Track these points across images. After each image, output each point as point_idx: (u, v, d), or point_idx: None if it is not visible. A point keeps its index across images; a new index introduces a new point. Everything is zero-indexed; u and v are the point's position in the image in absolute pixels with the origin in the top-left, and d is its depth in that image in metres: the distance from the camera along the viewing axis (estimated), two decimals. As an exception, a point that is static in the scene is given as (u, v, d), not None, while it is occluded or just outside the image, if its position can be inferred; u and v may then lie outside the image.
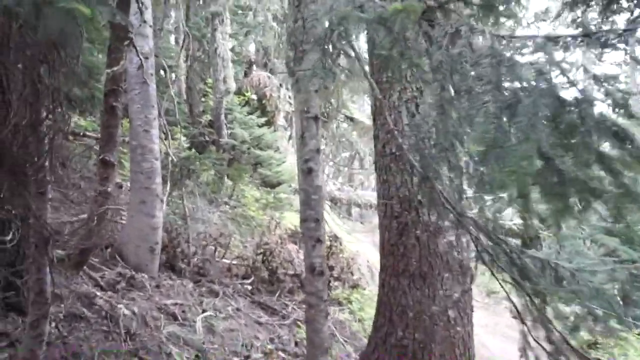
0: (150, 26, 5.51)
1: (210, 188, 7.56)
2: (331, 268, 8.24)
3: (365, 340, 6.12)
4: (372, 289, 8.23)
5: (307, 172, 2.66)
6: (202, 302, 5.11)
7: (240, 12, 20.36)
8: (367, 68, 3.63)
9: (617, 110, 2.19)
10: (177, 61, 16.91)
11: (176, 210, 5.97)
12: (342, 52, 2.13)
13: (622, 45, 1.95)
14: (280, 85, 18.35)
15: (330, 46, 2.04)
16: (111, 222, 5.66)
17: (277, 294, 6.52)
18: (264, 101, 16.73)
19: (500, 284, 2.25)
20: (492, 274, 2.42)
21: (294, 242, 8.27)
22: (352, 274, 8.59)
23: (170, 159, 5.65)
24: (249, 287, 6.19)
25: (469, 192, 2.99)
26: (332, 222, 12.56)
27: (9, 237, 2.22)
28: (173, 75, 17.38)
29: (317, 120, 2.73)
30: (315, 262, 2.58)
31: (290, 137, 20.49)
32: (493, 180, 2.28)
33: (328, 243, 8.60)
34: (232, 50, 18.48)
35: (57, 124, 2.10)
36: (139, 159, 5.14)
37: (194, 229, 5.78)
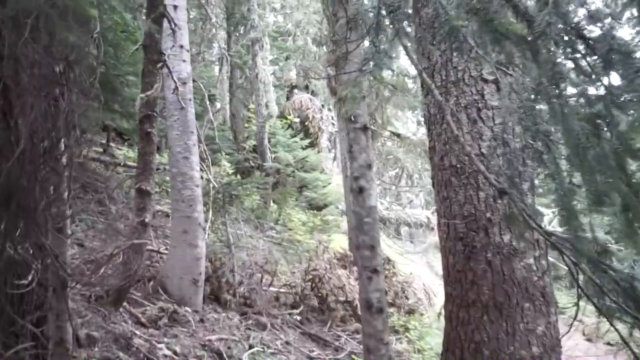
0: (188, 50, 5.38)
1: (255, 213, 7.32)
2: (385, 293, 7.73)
3: (428, 375, 5.56)
4: (429, 315, 7.63)
5: (357, 191, 2.29)
6: (249, 336, 4.77)
7: (279, 37, 20.59)
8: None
9: None
10: (220, 89, 17.19)
11: (220, 239, 5.72)
12: (397, 32, 1.75)
13: None
14: (323, 106, 18.24)
15: (386, 25, 1.67)
16: (153, 253, 5.48)
17: (328, 324, 6.09)
18: (306, 123, 16.63)
19: (613, 327, 1.75)
20: (598, 309, 1.91)
21: (343, 266, 7.84)
22: (407, 298, 8.03)
23: (211, 185, 5.43)
24: (298, 318, 5.80)
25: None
26: (383, 243, 12.03)
27: (26, 281, 1.96)
28: (217, 103, 17.67)
29: (367, 131, 2.36)
30: (372, 298, 2.18)
31: (335, 158, 20.26)
32: (594, 190, 1.82)
33: (380, 266, 8.14)
34: (273, 74, 18.63)
35: (72, 149, 1.82)
36: (180, 187, 4.94)
37: (239, 257, 5.49)
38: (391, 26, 1.78)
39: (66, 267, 1.96)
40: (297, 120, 16.39)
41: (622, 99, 1.81)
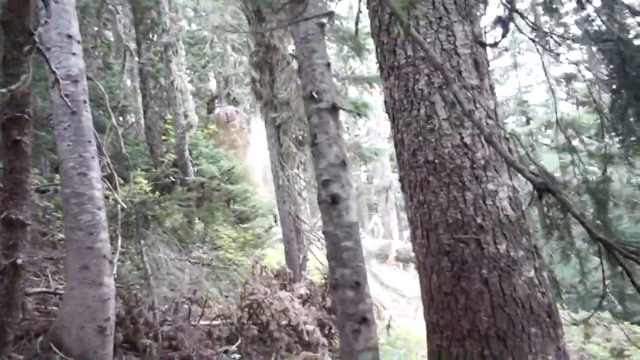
0: (79, 42, 4.33)
1: (178, 235, 6.31)
2: (329, 310, 7.01)
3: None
4: (383, 333, 7.02)
5: (329, 202, 1.56)
6: (177, 391, 3.81)
7: (196, 45, 19.36)
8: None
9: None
10: (133, 101, 15.67)
11: (135, 270, 4.68)
12: None
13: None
14: (249, 117, 17.38)
15: None
16: (49, 296, 4.34)
17: (273, 357, 5.24)
18: (233, 135, 15.71)
19: None
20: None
21: (282, 285, 7.03)
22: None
23: (119, 206, 4.39)
24: (237, 356, 4.90)
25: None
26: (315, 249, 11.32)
27: None
28: (130, 117, 16.10)
29: (336, 112, 1.63)
30: (361, 361, 1.44)
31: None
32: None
33: (323, 280, 7.41)
34: (191, 82, 17.37)
35: None
36: (75, 211, 3.87)
37: (160, 290, 4.50)
38: None
39: None
40: (220, 130, 15.40)
41: None
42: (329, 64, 1.75)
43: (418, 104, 2.64)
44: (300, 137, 10.74)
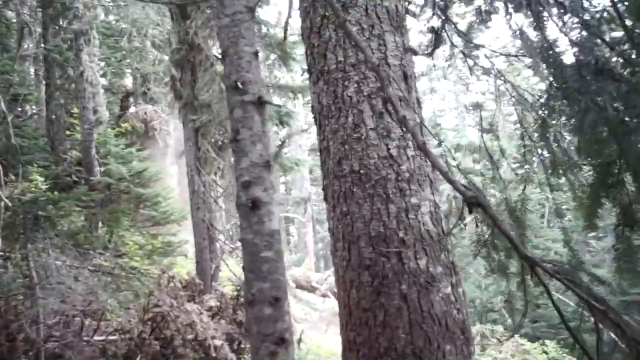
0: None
1: (76, 239, 5.68)
2: (240, 324, 6.72)
3: None
4: (294, 348, 6.85)
5: (249, 207, 1.37)
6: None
7: (112, 37, 18.14)
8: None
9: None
10: (36, 91, 14.24)
11: (18, 277, 4.10)
12: None
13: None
14: (169, 118, 16.58)
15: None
16: None
17: (176, 376, 4.85)
18: (150, 134, 14.84)
19: None
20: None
21: (191, 297, 6.62)
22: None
23: (2, 204, 3.82)
24: (135, 375, 4.46)
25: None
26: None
27: None
28: (30, 107, 14.61)
29: (262, 107, 1.46)
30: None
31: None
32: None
33: (234, 292, 7.11)
34: (103, 76, 16.20)
35: None
36: (-56, 206, 3.30)
37: (47, 302, 3.97)
38: None
39: None
40: (135, 127, 14.49)
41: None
42: (256, 53, 1.59)
43: (346, 111, 2.56)
44: (219, 142, 10.37)
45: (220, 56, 8.05)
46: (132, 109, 17.14)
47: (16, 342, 3.70)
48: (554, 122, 2.27)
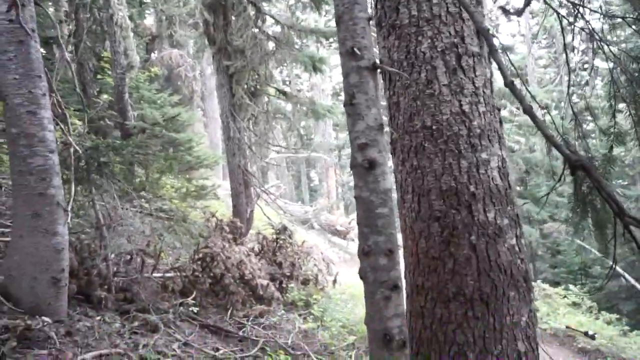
0: (25, -42, 3.78)
1: (136, 183, 5.95)
2: (280, 265, 7.07)
3: (346, 355, 5.11)
4: (330, 288, 7.21)
5: (365, 167, 1.49)
6: (137, 344, 3.71)
7: (135, -25, 17.74)
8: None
9: None
10: (60, 32, 14.21)
11: (86, 220, 4.39)
12: None
13: None
14: (195, 63, 16.47)
15: None
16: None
17: (229, 311, 5.22)
18: (179, 82, 14.82)
19: None
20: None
21: (234, 239, 6.93)
22: (300, 268, 7.47)
23: (72, 150, 4.02)
24: (195, 309, 4.82)
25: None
26: (265, 207, 11.25)
27: None
28: (57, 50, 14.63)
29: (376, 72, 1.54)
30: (391, 327, 1.44)
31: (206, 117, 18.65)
32: None
33: (274, 235, 7.42)
34: (129, 18, 16.02)
35: None
36: (25, 154, 3.51)
37: (116, 242, 4.27)
38: None
39: None
40: (165, 73, 14.47)
41: None
42: (370, 19, 1.63)
43: (419, 67, 2.60)
44: (252, 89, 10.37)
45: (249, 0, 7.86)
46: (155, 53, 17.05)
47: (91, 276, 4.03)
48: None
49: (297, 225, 13.16)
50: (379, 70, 1.61)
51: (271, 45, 10.33)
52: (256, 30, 9.62)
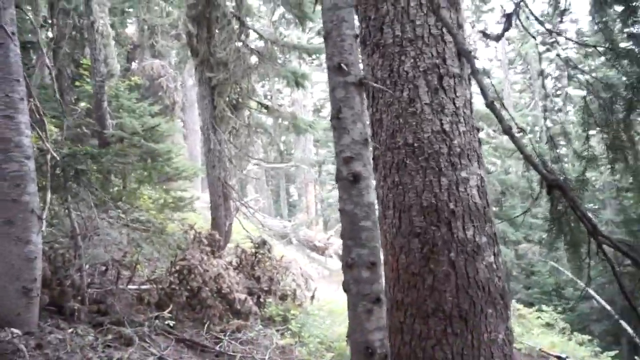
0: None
1: (113, 193, 5.85)
2: (258, 279, 7.01)
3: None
4: (308, 303, 7.17)
5: (350, 180, 1.52)
6: (110, 358, 3.61)
7: (119, -16, 17.67)
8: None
9: None
10: (37, 37, 14.01)
11: (61, 228, 4.29)
12: None
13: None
14: (176, 74, 16.39)
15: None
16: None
17: (206, 325, 5.14)
18: (160, 93, 14.72)
19: None
20: None
21: (212, 252, 6.85)
22: (278, 283, 7.41)
23: (49, 156, 3.95)
24: (171, 323, 4.73)
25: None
26: (243, 221, 11.17)
27: None
28: (33, 55, 14.40)
29: (362, 87, 1.57)
30: (373, 340, 1.45)
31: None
32: None
33: (253, 249, 7.36)
34: (111, 26, 15.90)
35: None
36: (0, 159, 3.43)
37: (92, 252, 4.18)
38: None
39: None
40: (146, 83, 14.36)
41: None
42: (357, 36, 1.67)
43: (402, 86, 2.66)
44: (234, 101, 10.36)
45: (233, 14, 7.93)
46: (136, 63, 16.94)
47: (64, 286, 3.93)
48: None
49: (276, 239, 13.08)
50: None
51: (254, 59, 10.39)
52: (240, 43, 9.67)
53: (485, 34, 2.58)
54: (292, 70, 10.08)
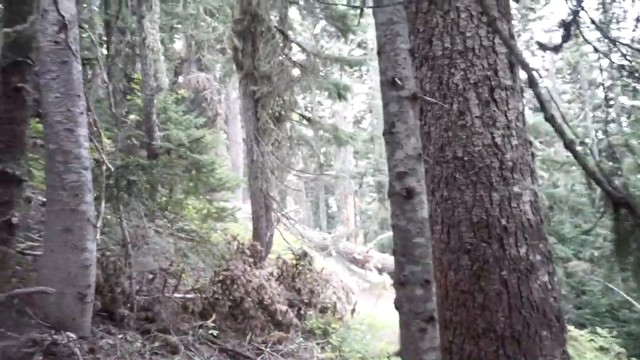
0: (72, -15, 3.98)
1: (162, 203, 6.05)
2: (299, 291, 7.01)
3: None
4: (349, 317, 7.10)
5: (403, 195, 1.50)
6: (157, 365, 3.69)
7: (169, 2, 18.44)
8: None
9: None
10: (95, 54, 14.75)
11: (113, 237, 4.46)
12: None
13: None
14: (220, 87, 16.87)
15: None
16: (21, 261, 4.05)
17: (248, 336, 5.18)
18: (204, 105, 15.18)
19: None
20: None
21: (254, 262, 6.92)
22: (318, 295, 7.38)
23: (104, 167, 4.13)
24: (215, 332, 4.79)
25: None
26: (285, 233, 11.23)
27: None
28: (89, 71, 15.17)
29: (416, 101, 1.56)
30: (426, 361, 1.41)
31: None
32: None
33: (294, 261, 7.38)
34: (161, 42, 16.56)
35: None
36: (60, 170, 3.61)
37: (142, 260, 4.31)
38: None
39: None
40: (192, 96, 14.83)
41: None
42: (411, 50, 1.67)
43: (451, 98, 2.61)
44: (277, 114, 10.51)
45: (277, 28, 8.05)
46: (183, 76, 17.54)
47: (115, 293, 4.07)
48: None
49: (316, 251, 13.08)
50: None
51: (296, 72, 10.54)
52: (283, 57, 9.84)
53: (542, 45, 2.50)
54: (335, 82, 10.14)
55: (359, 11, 10.08)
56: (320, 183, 29.30)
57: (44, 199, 4.47)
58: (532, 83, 1.45)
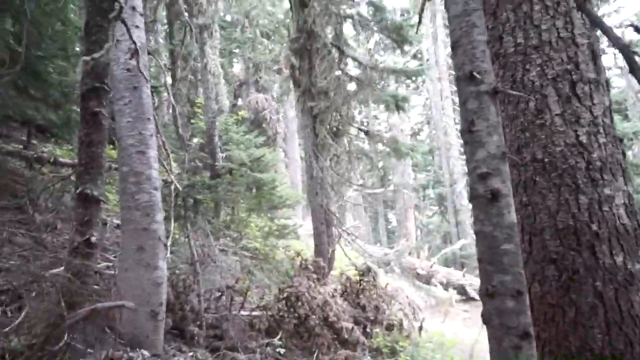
0: (142, 15, 4.18)
1: (216, 222, 6.18)
2: (363, 308, 6.85)
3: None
4: (416, 334, 6.83)
5: (487, 198, 1.38)
6: (227, 383, 3.68)
7: (227, 28, 19.24)
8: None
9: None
10: (163, 81, 15.60)
11: (182, 255, 4.56)
12: None
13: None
14: (278, 106, 17.27)
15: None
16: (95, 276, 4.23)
17: (315, 354, 5.09)
18: (263, 125, 15.58)
19: None
20: None
21: (317, 279, 6.86)
22: (384, 312, 7.17)
23: (173, 187, 4.26)
24: (282, 350, 4.75)
25: None
26: (346, 249, 11.11)
27: None
28: (155, 98, 16.04)
29: (496, 96, 1.45)
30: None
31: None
32: None
33: (357, 277, 7.24)
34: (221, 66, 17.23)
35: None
36: (133, 190, 3.74)
37: (208, 278, 4.37)
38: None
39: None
40: (252, 116, 15.27)
41: None
42: (489, 42, 1.56)
43: (527, 97, 2.44)
44: (334, 129, 10.52)
45: (332, 44, 8.05)
46: (242, 98, 18.13)
47: (185, 311, 4.14)
48: None
49: (378, 267, 12.83)
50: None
51: (353, 86, 10.53)
52: (339, 72, 9.88)
53: (638, 29, 2.27)
54: (392, 94, 10.02)
55: (416, 21, 9.96)
56: (379, 197, 29.01)
57: (118, 221, 4.68)
58: (632, 68, 1.28)
